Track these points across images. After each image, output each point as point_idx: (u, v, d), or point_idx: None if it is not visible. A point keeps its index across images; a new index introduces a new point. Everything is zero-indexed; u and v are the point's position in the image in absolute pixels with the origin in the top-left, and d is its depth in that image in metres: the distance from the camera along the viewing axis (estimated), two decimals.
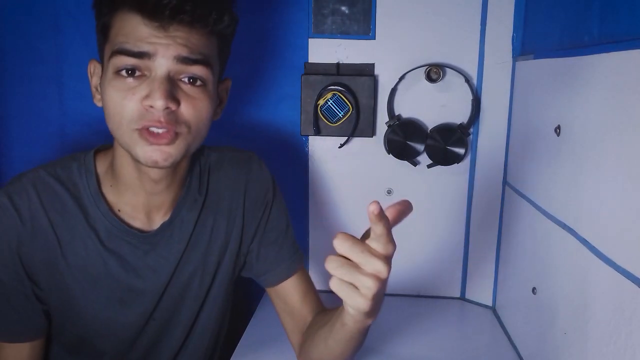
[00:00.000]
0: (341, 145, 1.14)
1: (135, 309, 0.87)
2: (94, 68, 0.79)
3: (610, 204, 0.63)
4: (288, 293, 0.92)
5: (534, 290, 0.89)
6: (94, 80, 0.79)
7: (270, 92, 1.15)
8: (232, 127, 1.17)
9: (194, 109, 0.73)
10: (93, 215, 0.82)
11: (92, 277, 0.83)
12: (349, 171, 1.17)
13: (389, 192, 1.17)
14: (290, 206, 1.21)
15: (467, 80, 1.08)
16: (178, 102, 0.72)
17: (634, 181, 0.58)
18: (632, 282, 0.57)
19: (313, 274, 1.21)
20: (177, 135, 0.73)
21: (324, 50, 1.12)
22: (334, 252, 1.27)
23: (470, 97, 1.09)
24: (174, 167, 0.79)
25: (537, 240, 0.89)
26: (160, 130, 0.71)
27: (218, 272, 0.92)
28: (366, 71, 1.11)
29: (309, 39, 1.12)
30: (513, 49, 1.07)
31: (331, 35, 1.11)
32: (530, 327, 0.92)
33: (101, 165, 0.84)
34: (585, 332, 0.69)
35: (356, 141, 1.15)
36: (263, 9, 1.12)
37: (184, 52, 0.71)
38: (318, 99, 1.10)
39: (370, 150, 1.15)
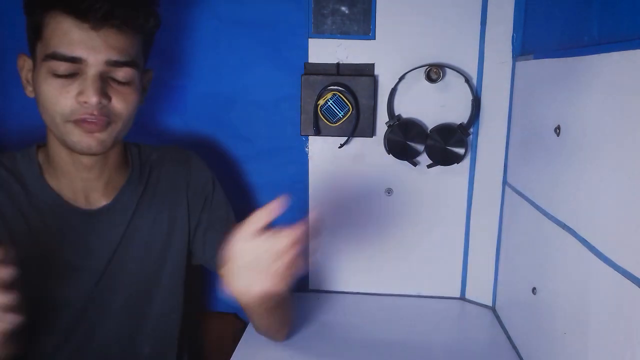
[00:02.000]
0: (341, 145, 1.14)
1: (74, 286, 0.90)
2: (23, 62, 0.86)
3: (610, 204, 0.63)
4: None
5: (534, 290, 0.89)
6: (25, 73, 0.85)
7: (270, 92, 1.15)
8: (232, 127, 1.17)
9: (124, 102, 0.82)
10: (36, 195, 0.87)
11: (33, 253, 0.86)
12: (349, 171, 1.17)
13: (389, 192, 1.17)
14: (290, 206, 1.21)
15: (467, 80, 1.08)
16: (109, 98, 0.80)
17: (633, 181, 0.58)
18: (632, 282, 0.57)
19: (314, 274, 1.22)
20: (108, 123, 0.81)
21: (324, 50, 1.12)
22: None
23: (470, 97, 1.09)
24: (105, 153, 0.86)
25: (537, 240, 0.89)
26: (94, 120, 0.79)
27: (166, 262, 0.96)
28: (366, 71, 1.11)
29: (309, 39, 1.11)
30: (513, 49, 1.07)
31: (331, 35, 1.11)
32: (530, 327, 0.92)
33: (42, 156, 0.90)
34: (585, 332, 0.69)
35: (356, 141, 1.15)
36: (263, 9, 1.12)
37: (113, 56, 0.78)
38: (318, 99, 1.10)
39: (370, 150, 1.15)
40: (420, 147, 1.10)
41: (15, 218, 0.85)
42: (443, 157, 1.09)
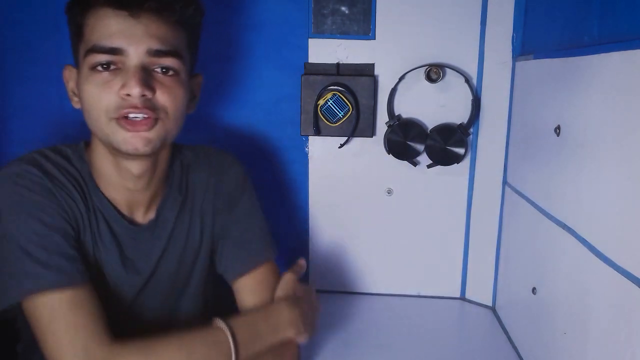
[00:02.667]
0: (341, 145, 1.14)
1: (114, 300, 0.86)
2: (69, 73, 0.81)
3: (610, 204, 0.63)
4: (240, 290, 0.91)
5: (534, 290, 0.89)
6: (71, 85, 0.81)
7: (270, 92, 1.15)
8: (232, 126, 1.17)
9: (170, 95, 0.76)
10: (91, 198, 0.82)
11: (89, 260, 0.82)
12: (349, 171, 1.17)
13: (389, 192, 1.17)
14: (290, 206, 1.21)
15: (467, 80, 1.08)
16: (153, 90, 0.75)
17: (634, 181, 0.58)
18: (632, 282, 0.57)
19: (313, 274, 1.22)
20: (156, 120, 0.75)
21: (324, 50, 1.12)
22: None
23: (470, 97, 1.09)
24: (154, 157, 0.82)
25: (537, 240, 0.89)
26: (139, 116, 0.74)
27: (194, 270, 0.93)
28: (366, 71, 1.11)
29: (309, 39, 1.11)
30: (513, 49, 1.07)
31: (331, 35, 1.11)
32: (530, 327, 0.92)
33: (89, 158, 0.84)
34: (585, 332, 0.69)
35: (356, 141, 1.15)
36: (263, 9, 1.12)
37: (154, 45, 0.74)
38: (318, 99, 1.10)
39: (370, 150, 1.15)
40: (420, 147, 1.10)
41: (82, 217, 0.80)
42: (443, 157, 1.09)
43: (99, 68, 0.74)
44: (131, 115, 0.74)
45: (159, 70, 0.76)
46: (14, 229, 0.74)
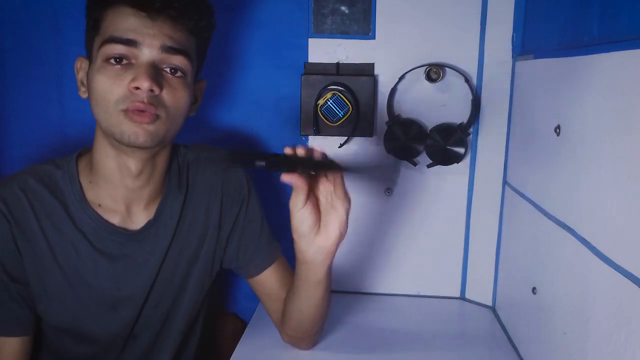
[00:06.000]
0: (341, 145, 1.14)
1: (125, 309, 0.90)
2: (80, 64, 0.85)
3: (610, 204, 0.63)
4: (267, 280, 0.97)
5: (534, 290, 0.89)
6: (80, 75, 0.84)
7: (270, 92, 1.15)
8: (232, 126, 1.17)
9: (174, 96, 0.80)
10: (80, 219, 0.85)
11: (84, 278, 0.86)
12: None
13: (389, 192, 1.17)
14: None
15: (467, 80, 1.08)
16: (161, 87, 0.78)
17: (633, 181, 0.58)
18: (632, 282, 0.57)
19: None
20: (157, 117, 0.78)
21: (324, 50, 1.12)
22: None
23: (470, 97, 1.09)
24: (151, 156, 0.84)
25: (537, 240, 0.89)
26: (143, 110, 0.77)
27: (197, 262, 0.95)
28: (366, 71, 1.11)
29: (309, 39, 1.11)
30: (513, 49, 1.07)
31: (331, 35, 1.11)
32: (530, 327, 0.92)
33: (83, 166, 0.87)
34: (585, 332, 0.69)
35: (356, 141, 1.15)
36: (263, 9, 1.12)
37: (168, 42, 0.78)
38: (318, 99, 1.10)
39: (370, 150, 1.15)
40: (420, 147, 1.10)
41: (61, 244, 0.85)
42: (443, 156, 1.09)
43: (112, 61, 0.77)
44: (137, 109, 0.77)
45: (168, 70, 0.79)
46: None
